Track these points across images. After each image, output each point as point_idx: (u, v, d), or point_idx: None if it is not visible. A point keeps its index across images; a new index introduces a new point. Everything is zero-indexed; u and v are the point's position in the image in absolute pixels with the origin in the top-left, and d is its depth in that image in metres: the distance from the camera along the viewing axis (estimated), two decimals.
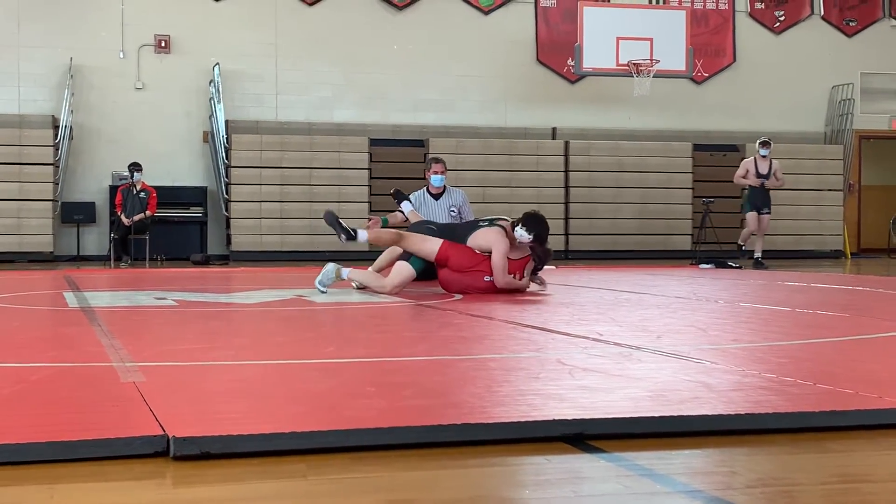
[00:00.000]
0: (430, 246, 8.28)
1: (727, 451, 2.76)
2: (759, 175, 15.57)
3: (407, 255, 8.41)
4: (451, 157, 18.44)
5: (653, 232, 19.12)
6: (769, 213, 15.72)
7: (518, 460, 2.64)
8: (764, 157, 15.58)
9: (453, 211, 10.52)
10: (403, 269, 8.38)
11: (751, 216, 15.61)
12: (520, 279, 8.39)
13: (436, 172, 10.48)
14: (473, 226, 8.59)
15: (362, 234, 8.33)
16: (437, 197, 10.55)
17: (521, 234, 8.23)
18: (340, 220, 8.32)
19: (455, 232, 8.57)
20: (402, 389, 3.46)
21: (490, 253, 8.24)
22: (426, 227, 8.74)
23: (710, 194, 17.86)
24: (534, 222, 8.28)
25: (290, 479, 2.44)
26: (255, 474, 2.47)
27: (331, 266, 8.41)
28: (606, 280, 10.73)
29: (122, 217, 15.67)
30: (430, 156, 11.16)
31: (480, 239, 8.33)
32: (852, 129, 20.36)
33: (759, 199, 15.64)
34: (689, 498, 2.31)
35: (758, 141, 15.77)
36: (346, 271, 8.42)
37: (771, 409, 3.07)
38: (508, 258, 8.27)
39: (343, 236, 8.23)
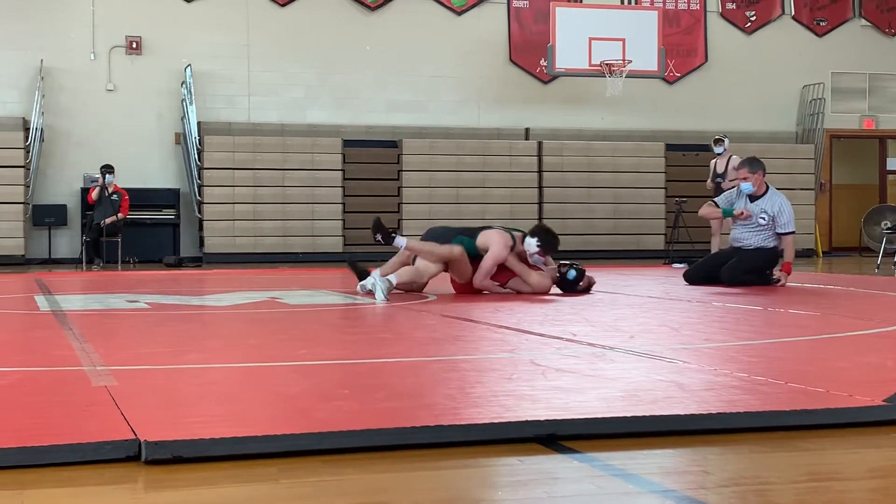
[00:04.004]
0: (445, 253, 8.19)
1: (699, 450, 2.77)
2: (714, 177, 14.76)
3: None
4: (424, 157, 18.46)
5: (626, 232, 19.16)
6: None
7: (491, 461, 2.64)
8: (719, 154, 14.77)
9: (763, 217, 9.59)
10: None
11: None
12: (501, 284, 8.39)
13: (744, 179, 9.54)
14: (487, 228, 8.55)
15: (400, 241, 8.20)
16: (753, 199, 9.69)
17: (529, 242, 8.26)
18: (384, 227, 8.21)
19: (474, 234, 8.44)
20: (375, 391, 3.45)
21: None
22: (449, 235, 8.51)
23: (682, 194, 17.89)
24: (541, 230, 8.43)
25: (262, 482, 2.43)
26: (227, 478, 2.46)
27: (377, 282, 7.87)
28: None
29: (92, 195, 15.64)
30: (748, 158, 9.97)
31: (487, 238, 8.30)
32: (823, 129, 20.48)
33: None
34: (661, 497, 2.32)
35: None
36: (393, 277, 8.06)
37: (743, 409, 3.09)
38: (506, 266, 8.28)
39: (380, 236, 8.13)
